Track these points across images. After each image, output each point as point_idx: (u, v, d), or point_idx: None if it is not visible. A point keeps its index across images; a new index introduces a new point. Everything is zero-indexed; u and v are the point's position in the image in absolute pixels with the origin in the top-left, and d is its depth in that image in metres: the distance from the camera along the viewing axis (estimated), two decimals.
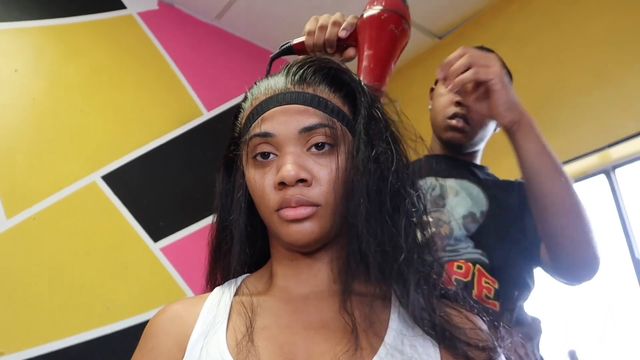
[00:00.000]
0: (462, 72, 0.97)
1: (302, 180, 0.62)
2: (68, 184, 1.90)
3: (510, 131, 0.99)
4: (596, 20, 2.15)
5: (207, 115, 2.38)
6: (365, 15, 0.95)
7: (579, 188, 0.98)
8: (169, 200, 2.13)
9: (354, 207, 0.62)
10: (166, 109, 2.27)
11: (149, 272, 1.98)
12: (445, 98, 1.19)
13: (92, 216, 1.92)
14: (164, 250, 2.04)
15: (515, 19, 2.47)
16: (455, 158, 1.22)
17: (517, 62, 2.41)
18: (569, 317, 2.21)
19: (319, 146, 0.64)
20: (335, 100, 0.67)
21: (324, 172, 0.63)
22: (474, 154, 1.25)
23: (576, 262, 0.96)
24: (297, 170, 0.61)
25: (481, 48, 1.15)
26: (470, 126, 1.17)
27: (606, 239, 2.11)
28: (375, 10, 0.93)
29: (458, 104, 1.16)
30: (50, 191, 1.86)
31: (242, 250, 0.69)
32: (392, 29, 0.92)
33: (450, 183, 1.13)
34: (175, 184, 2.17)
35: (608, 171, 2.13)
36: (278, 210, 0.63)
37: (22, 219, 1.77)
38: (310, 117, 0.64)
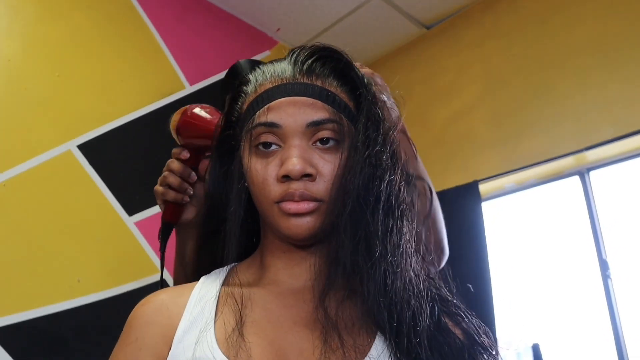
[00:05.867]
0: None
1: (306, 175, 0.61)
2: (42, 151, 1.83)
3: None
4: (582, 25, 2.18)
5: (189, 89, 2.33)
6: (181, 123, 0.92)
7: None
8: (146, 174, 2.07)
9: (341, 205, 0.61)
10: (147, 80, 2.20)
11: (122, 246, 1.94)
12: None
13: (65, 186, 1.86)
14: (138, 224, 2.00)
15: (504, 16, 2.48)
16: None
17: (503, 59, 2.44)
18: (533, 311, 2.28)
19: (323, 141, 0.63)
20: (342, 94, 0.66)
21: (329, 167, 0.62)
22: None
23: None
24: (303, 165, 0.60)
25: None
26: None
27: (575, 239, 2.17)
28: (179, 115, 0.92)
29: None
30: (23, 157, 1.79)
31: (238, 241, 0.68)
32: (197, 112, 0.91)
33: None
34: (153, 157, 2.10)
35: (582, 173, 2.18)
36: (279, 202, 0.62)
37: None
38: (319, 111, 0.63)
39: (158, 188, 0.96)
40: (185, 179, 0.95)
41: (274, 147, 0.63)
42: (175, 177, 0.94)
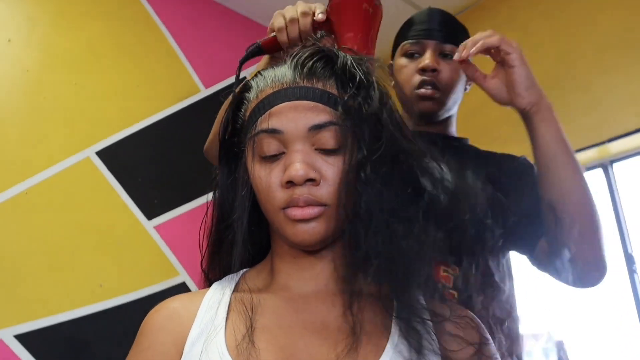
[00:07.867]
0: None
1: (310, 180, 0.60)
2: (61, 158, 1.87)
3: (527, 113, 0.90)
4: (602, 12, 2.12)
5: (204, 92, 2.34)
6: None
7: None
8: (163, 178, 2.10)
9: (357, 208, 0.60)
10: (163, 85, 2.23)
11: (142, 251, 1.97)
12: (408, 69, 1.09)
13: (85, 192, 1.90)
14: (157, 228, 2.03)
15: (519, 6, 2.43)
16: (431, 133, 1.12)
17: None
18: (557, 308, 2.23)
19: (327, 144, 0.62)
20: (344, 96, 0.64)
21: (333, 171, 0.61)
22: (449, 119, 1.16)
23: (582, 262, 0.87)
24: (306, 170, 0.59)
25: None
26: (440, 91, 1.07)
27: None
28: None
29: (423, 71, 1.06)
30: (43, 165, 1.83)
31: (245, 249, 0.68)
32: (366, 8, 0.90)
33: None
34: (171, 161, 2.14)
35: (605, 165, 2.12)
36: (284, 208, 0.61)
37: (14, 194, 1.75)
38: (320, 114, 0.62)
39: (280, 21, 0.95)
40: (302, 36, 0.93)
41: (277, 153, 0.63)
42: (296, 30, 0.93)
